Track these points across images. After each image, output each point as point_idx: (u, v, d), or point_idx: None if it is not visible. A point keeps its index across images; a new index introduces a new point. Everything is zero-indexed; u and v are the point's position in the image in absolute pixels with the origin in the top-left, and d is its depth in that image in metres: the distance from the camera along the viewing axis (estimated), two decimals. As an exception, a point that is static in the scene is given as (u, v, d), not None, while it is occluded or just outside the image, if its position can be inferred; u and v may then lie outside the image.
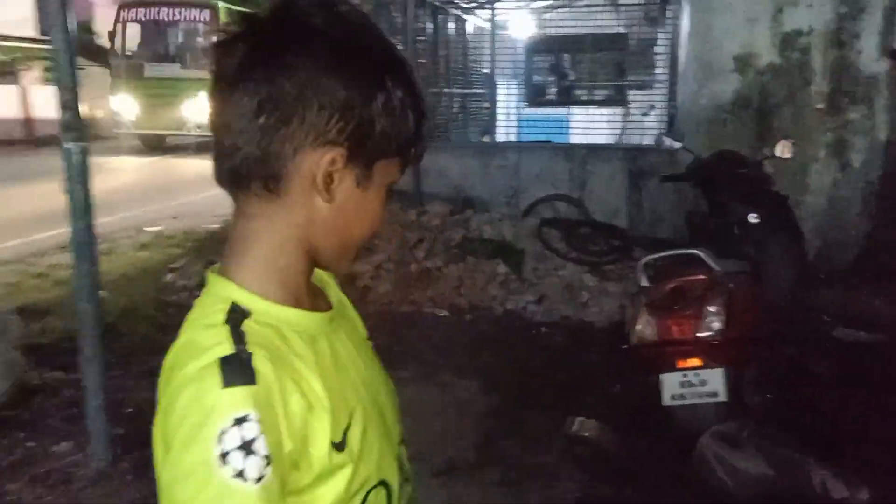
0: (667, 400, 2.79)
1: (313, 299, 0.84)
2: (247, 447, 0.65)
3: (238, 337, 0.71)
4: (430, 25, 9.49)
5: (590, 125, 8.99)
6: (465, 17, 10.89)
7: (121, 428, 3.31)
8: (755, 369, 2.90)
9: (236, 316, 0.74)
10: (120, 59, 16.02)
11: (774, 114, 5.76)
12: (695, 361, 2.77)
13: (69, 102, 2.78)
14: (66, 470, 2.96)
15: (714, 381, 2.74)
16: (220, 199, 0.83)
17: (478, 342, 4.67)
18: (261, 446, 0.66)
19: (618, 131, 9.39)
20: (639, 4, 9.16)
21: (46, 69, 19.24)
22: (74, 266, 2.95)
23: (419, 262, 5.56)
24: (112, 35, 16.22)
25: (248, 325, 0.73)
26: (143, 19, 15.76)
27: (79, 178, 2.83)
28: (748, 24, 5.72)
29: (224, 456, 0.64)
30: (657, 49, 8.25)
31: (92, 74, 22.65)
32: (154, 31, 16.01)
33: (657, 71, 7.68)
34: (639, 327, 2.92)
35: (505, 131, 10.94)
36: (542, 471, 3.07)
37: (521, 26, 11.23)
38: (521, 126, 10.49)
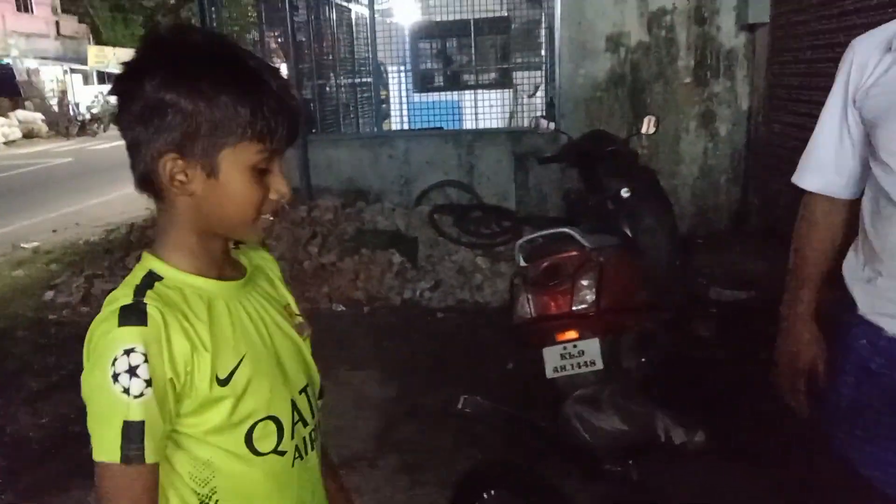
0: (550, 373, 2.90)
1: (227, 270, 1.04)
2: (132, 371, 0.87)
3: (140, 292, 0.93)
4: (313, 18, 9.35)
5: (479, 109, 9.14)
6: (348, 6, 10.79)
7: (1, 459, 3.16)
8: (630, 336, 3.06)
9: (149, 279, 0.96)
10: None
11: (646, 90, 6.03)
12: (572, 334, 2.88)
13: None
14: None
15: (591, 351, 2.87)
16: (101, 208, 0.92)
17: (376, 334, 4.70)
18: (143, 372, 0.88)
19: (506, 114, 9.58)
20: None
21: None
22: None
23: (313, 258, 5.52)
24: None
25: (157, 286, 0.95)
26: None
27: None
28: (617, 4, 5.95)
29: (116, 376, 0.87)
30: (539, 31, 8.44)
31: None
32: None
33: (542, 53, 7.86)
34: (519, 305, 3.02)
35: (396, 119, 10.94)
36: (439, 452, 3.15)
37: (405, 13, 11.25)
38: (412, 113, 10.52)
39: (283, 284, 1.17)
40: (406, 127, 9.88)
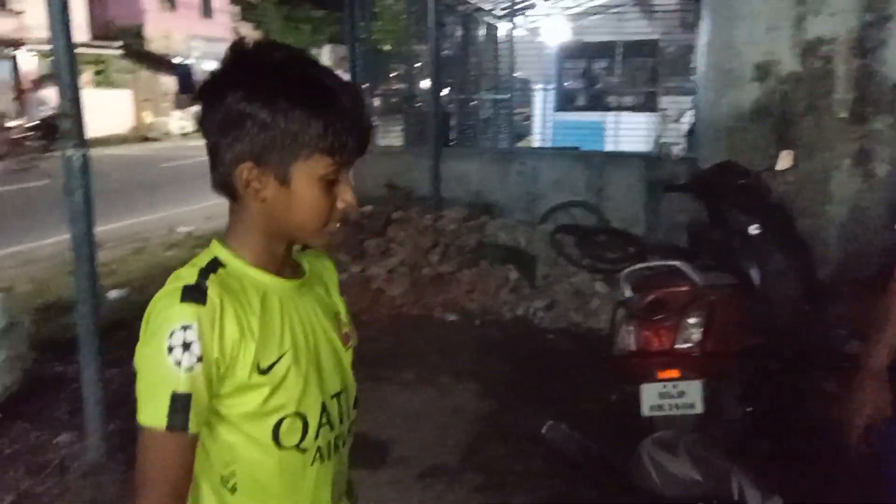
0: (646, 410, 2.80)
1: (286, 270, 1.10)
2: (186, 346, 0.95)
3: (203, 275, 1.00)
4: (460, 33, 9.57)
5: (620, 132, 8.96)
6: (496, 23, 10.94)
7: (121, 423, 3.45)
8: (736, 382, 2.88)
9: (213, 264, 1.04)
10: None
11: (796, 123, 5.65)
12: (673, 373, 2.77)
13: (69, 110, 2.89)
14: (63, 461, 3.10)
15: (692, 393, 2.73)
16: None
17: (483, 347, 4.72)
18: (196, 348, 0.95)
19: (648, 138, 9.34)
20: (674, 11, 9.09)
21: (97, 72, 19.94)
22: (74, 267, 3.07)
23: (433, 267, 5.62)
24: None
25: (219, 272, 1.02)
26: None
27: (79, 183, 2.94)
28: (770, 32, 5.63)
29: (171, 349, 0.94)
30: (690, 56, 8.15)
31: (142, 79, 23.44)
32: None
33: (692, 78, 7.58)
34: (620, 337, 2.93)
35: (537, 136, 10.94)
36: (524, 476, 3.11)
37: (553, 32, 11.24)
38: (552, 131, 10.48)
39: (337, 293, 1.22)
40: (547, 144, 9.87)
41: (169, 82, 25.35)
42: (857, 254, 5.69)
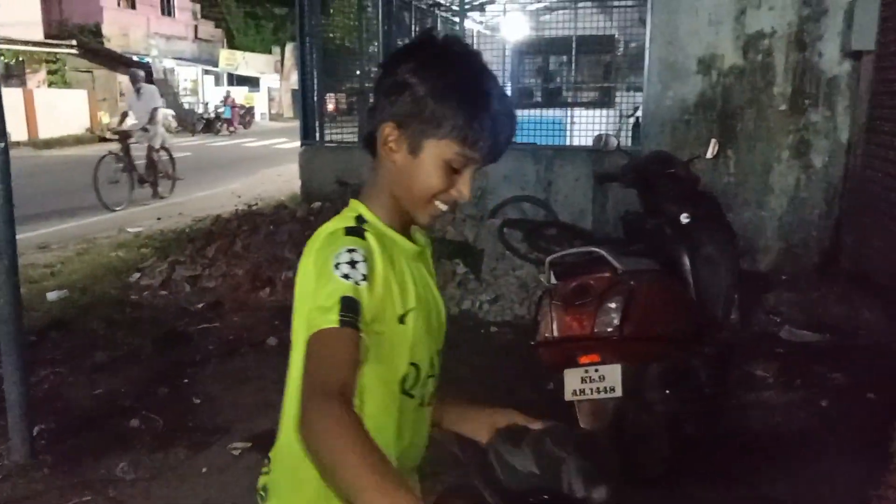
0: (568, 395, 2.81)
1: (408, 236, 1.19)
2: (352, 264, 1.01)
3: (359, 221, 1.12)
4: (416, 29, 9.55)
5: (575, 127, 9.01)
6: (454, 19, 10.94)
7: (49, 422, 3.38)
8: (658, 366, 2.91)
9: (359, 219, 1.13)
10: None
11: (737, 115, 5.75)
12: (594, 357, 2.78)
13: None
14: (-16, 462, 3.03)
15: (611, 377, 2.76)
16: (206, 200, 1.00)
17: (426, 341, 4.71)
18: (361, 267, 1.02)
19: (605, 132, 9.39)
20: (629, 6, 9.19)
21: (50, 72, 19.54)
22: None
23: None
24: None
25: (366, 226, 1.11)
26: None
27: (-1, 179, 2.88)
28: (712, 26, 5.72)
29: (337, 265, 1.00)
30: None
31: (99, 77, 23.03)
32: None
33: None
34: (543, 325, 2.94)
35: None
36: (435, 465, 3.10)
37: (512, 28, 11.28)
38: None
39: (432, 265, 1.31)
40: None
41: (127, 81, 24.92)
42: (796, 244, 5.81)
